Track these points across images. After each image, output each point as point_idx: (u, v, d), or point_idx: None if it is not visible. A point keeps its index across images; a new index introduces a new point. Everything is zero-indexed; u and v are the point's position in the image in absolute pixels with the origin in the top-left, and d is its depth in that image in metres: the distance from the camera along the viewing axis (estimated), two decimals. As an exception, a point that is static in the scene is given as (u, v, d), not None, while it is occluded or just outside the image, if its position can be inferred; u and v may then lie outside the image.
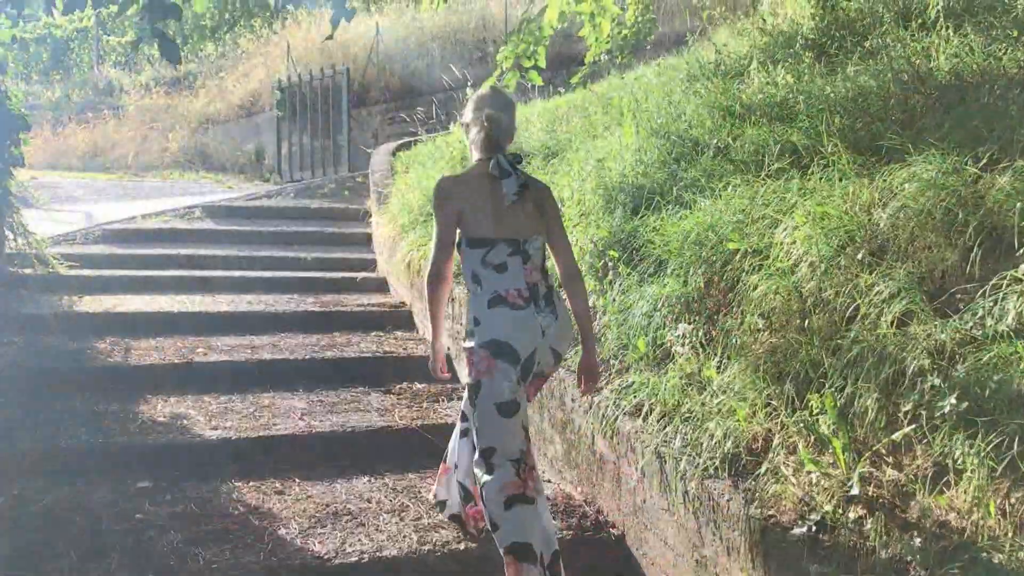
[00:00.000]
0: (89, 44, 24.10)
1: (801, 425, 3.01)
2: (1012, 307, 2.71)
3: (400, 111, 15.33)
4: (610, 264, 4.55)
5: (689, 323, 3.86)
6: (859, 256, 3.36)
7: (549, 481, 4.21)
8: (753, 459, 3.10)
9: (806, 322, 3.38)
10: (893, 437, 2.75)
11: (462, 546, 3.48)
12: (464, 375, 3.42)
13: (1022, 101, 3.67)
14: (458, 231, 3.21)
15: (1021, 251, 2.85)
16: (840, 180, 3.77)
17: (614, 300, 4.35)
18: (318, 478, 4.12)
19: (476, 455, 3.19)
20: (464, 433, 3.49)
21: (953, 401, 2.58)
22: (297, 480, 4.08)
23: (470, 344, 3.18)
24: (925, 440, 2.66)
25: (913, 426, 2.71)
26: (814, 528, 2.70)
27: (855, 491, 2.65)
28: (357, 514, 3.72)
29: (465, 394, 3.38)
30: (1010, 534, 2.30)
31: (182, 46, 23.04)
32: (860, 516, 2.64)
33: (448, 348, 4.07)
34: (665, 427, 3.43)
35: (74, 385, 4.92)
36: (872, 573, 2.48)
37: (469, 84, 9.30)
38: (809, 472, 2.85)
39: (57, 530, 3.44)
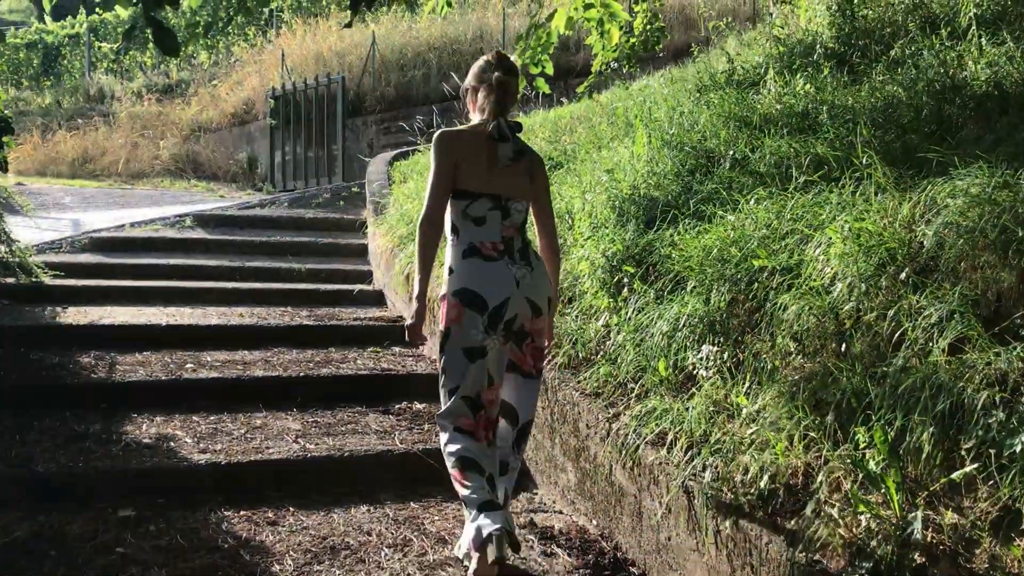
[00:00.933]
0: (81, 50, 23.80)
1: (847, 461, 2.76)
2: (1086, 335, 2.47)
3: (396, 121, 15.09)
4: (625, 280, 4.30)
5: (714, 344, 3.61)
6: (902, 276, 3.13)
7: (561, 512, 3.95)
8: (792, 497, 2.85)
9: (844, 346, 3.15)
10: (953, 477, 2.50)
11: (471, 586, 3.21)
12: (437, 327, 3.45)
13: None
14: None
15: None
16: (876, 194, 3.54)
17: (629, 319, 4.10)
18: (314, 507, 3.84)
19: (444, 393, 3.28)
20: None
21: (1024, 439, 2.33)
22: (291, 509, 3.80)
23: (443, 292, 3.23)
24: (991, 482, 2.41)
25: (975, 465, 2.47)
26: (867, 576, 2.45)
27: (917, 535, 2.40)
28: (356, 549, 3.44)
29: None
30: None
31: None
32: (920, 564, 2.39)
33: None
34: (692, 459, 3.17)
35: (54, 403, 4.63)
36: (938, 631, 2.23)
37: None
38: (859, 513, 2.60)
39: (30, 565, 3.16)
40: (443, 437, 3.30)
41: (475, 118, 3.37)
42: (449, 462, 3.23)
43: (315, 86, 15.44)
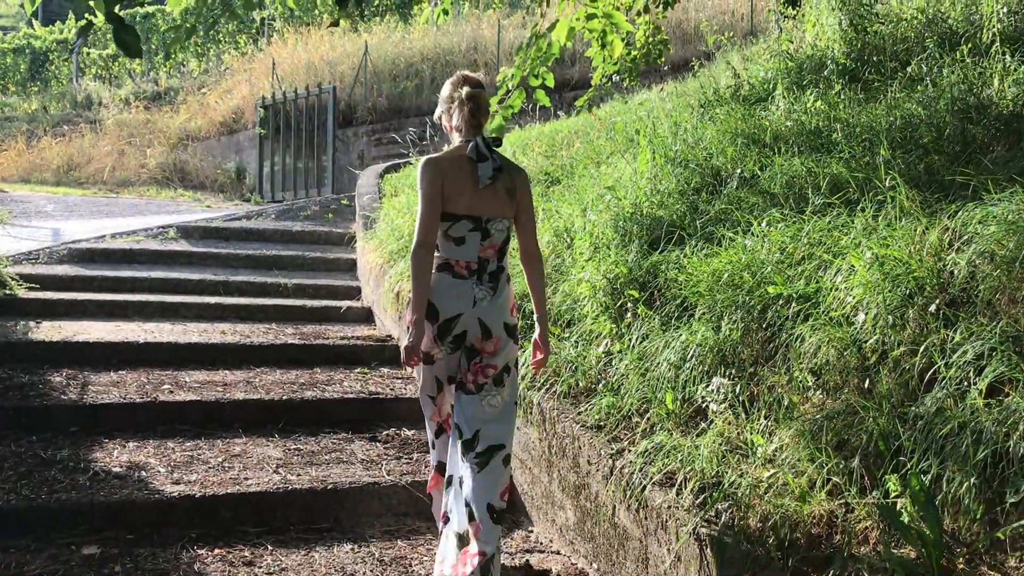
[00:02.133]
0: (69, 56, 23.53)
1: (876, 510, 2.53)
2: None
3: (387, 132, 14.86)
4: (628, 305, 4.07)
5: (725, 377, 3.38)
6: (931, 308, 2.90)
7: (558, 553, 3.70)
8: (816, 548, 2.61)
9: (868, 383, 2.92)
10: (997, 533, 2.27)
11: (462, 638, 2.95)
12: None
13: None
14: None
15: None
16: (900, 219, 3.32)
17: (633, 346, 3.86)
18: (294, 545, 3.58)
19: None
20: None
21: (1081, 496, 2.11)
22: (269, 547, 3.53)
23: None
24: (1042, 540, 2.18)
25: (1022, 521, 2.24)
26: (905, 644, 2.21)
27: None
28: (339, 594, 3.19)
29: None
30: None
31: (164, 60, 22.54)
32: (964, 633, 2.16)
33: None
34: (704, 503, 2.93)
35: (20, 426, 4.36)
36: None
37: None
38: (893, 572, 2.36)
39: (-18, 611, 2.90)
40: (427, 433, 3.56)
41: (455, 139, 3.42)
42: (432, 463, 3.54)
43: (305, 96, 15.22)
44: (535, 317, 3.50)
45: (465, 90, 3.35)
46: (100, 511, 3.59)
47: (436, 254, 3.29)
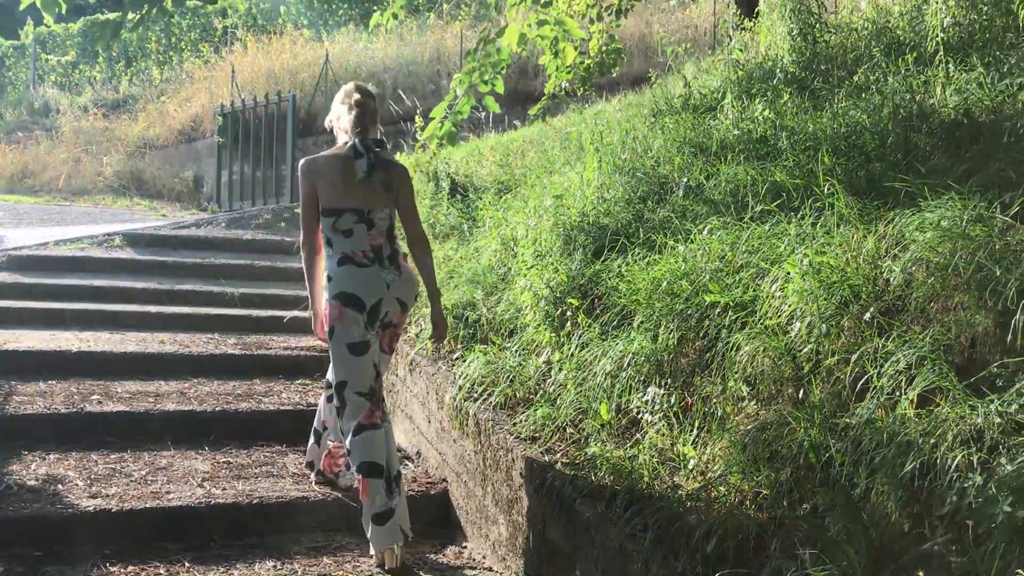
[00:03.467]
0: (27, 62, 23.14)
1: (804, 524, 2.44)
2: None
3: (348, 142, 14.70)
4: (568, 313, 3.97)
5: (660, 387, 3.29)
6: (866, 316, 2.83)
7: (491, 570, 3.58)
8: (743, 563, 2.51)
9: (801, 393, 2.84)
10: (923, 548, 2.19)
11: (381, 659, 2.82)
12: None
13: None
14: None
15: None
16: (838, 226, 3.25)
17: (571, 356, 3.76)
18: (213, 561, 3.43)
19: (333, 390, 3.68)
20: (330, 399, 3.87)
21: (1008, 508, 2.02)
22: (187, 564, 3.38)
23: (326, 297, 3.63)
24: (968, 555, 2.10)
25: (948, 535, 2.16)
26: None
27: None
28: (255, 614, 3.04)
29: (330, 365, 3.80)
30: None
31: (127, 67, 22.23)
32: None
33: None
34: (633, 516, 2.83)
35: (-65, 438, 4.18)
36: None
37: (418, 112, 8.73)
38: (818, 588, 2.27)
39: None
40: (345, 438, 3.59)
41: (341, 139, 3.75)
42: (353, 464, 3.55)
43: (265, 104, 15.00)
44: (428, 296, 3.85)
45: (356, 96, 3.74)
46: (8, 527, 3.42)
47: (331, 250, 3.59)
